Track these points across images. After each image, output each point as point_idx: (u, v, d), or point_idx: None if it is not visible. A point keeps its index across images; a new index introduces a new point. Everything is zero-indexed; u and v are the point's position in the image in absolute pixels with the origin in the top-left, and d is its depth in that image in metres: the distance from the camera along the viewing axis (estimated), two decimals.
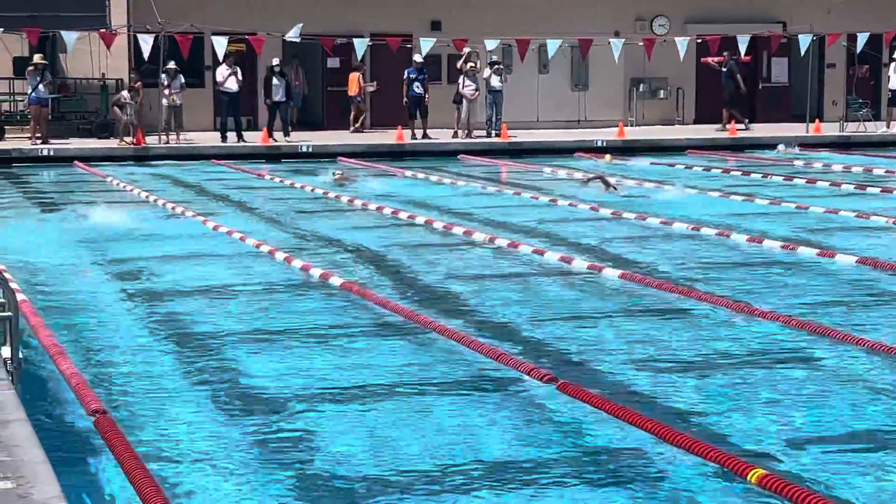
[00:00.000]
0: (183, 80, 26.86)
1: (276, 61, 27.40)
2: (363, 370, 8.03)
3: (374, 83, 29.88)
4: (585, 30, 29.80)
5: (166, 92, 26.46)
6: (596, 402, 6.94)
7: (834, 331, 8.82)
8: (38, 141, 25.88)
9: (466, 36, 28.61)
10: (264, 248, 12.99)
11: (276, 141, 26.88)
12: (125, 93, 26.41)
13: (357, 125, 29.74)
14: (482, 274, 11.70)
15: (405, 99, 28.15)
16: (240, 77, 26.94)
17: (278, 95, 27.22)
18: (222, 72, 26.93)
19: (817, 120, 30.22)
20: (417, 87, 28.03)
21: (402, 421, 6.93)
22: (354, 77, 29.37)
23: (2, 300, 6.31)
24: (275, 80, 27.23)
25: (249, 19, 28.85)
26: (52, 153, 25.20)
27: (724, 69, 30.09)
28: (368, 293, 10.43)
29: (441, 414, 7.08)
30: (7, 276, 8.53)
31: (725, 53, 29.69)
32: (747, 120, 30.35)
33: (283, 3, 30.07)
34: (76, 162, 24.45)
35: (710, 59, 30.22)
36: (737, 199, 17.57)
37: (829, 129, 29.65)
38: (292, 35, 26.90)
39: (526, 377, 7.58)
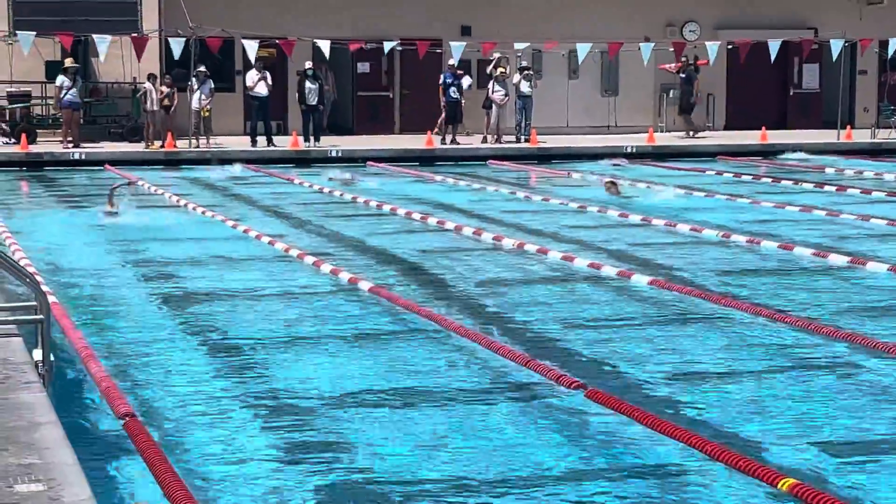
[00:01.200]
0: (212, 86, 26.92)
1: (308, 65, 27.39)
2: (391, 375, 8.03)
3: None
4: (615, 35, 29.75)
5: (196, 97, 26.54)
6: (625, 410, 6.92)
7: (867, 338, 8.76)
8: (70, 144, 26.02)
9: (496, 40, 28.60)
10: (293, 252, 13.02)
11: (308, 145, 26.91)
12: (147, 84, 26.40)
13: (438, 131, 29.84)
14: (511, 280, 11.68)
15: (443, 104, 28.08)
16: (269, 81, 26.98)
17: (311, 99, 27.20)
18: (252, 76, 27.00)
19: (848, 127, 30.05)
20: (454, 92, 27.99)
21: (429, 427, 6.92)
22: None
23: (33, 303, 6.34)
24: (308, 84, 27.20)
25: (280, 23, 28.95)
26: (83, 157, 25.34)
27: (683, 75, 29.78)
28: (396, 297, 10.43)
29: (468, 420, 7.06)
30: (38, 278, 8.57)
31: (683, 58, 29.35)
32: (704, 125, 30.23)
33: (313, 8, 30.16)
34: (107, 165, 24.58)
35: (667, 65, 29.94)
36: (767, 206, 17.50)
37: (861, 136, 29.48)
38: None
39: (554, 384, 7.56)
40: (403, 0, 30.72)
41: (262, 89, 26.91)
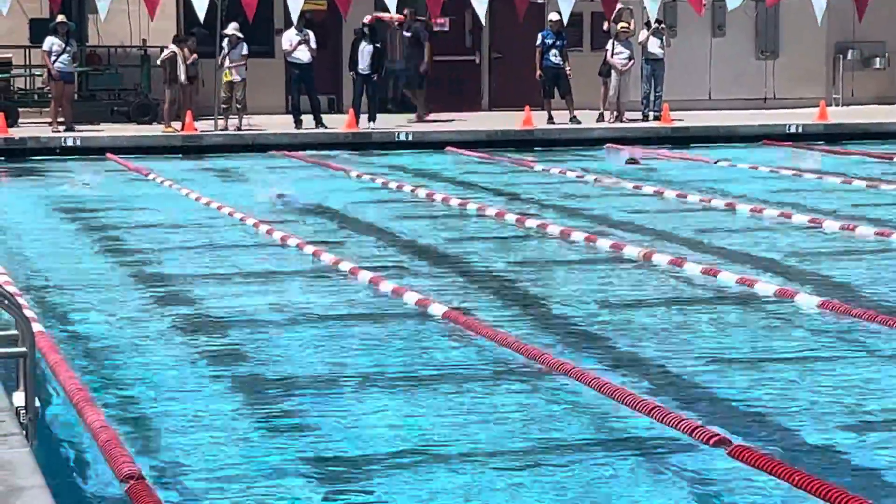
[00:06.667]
0: (246, 50, 26.83)
1: (367, 19, 27.41)
2: (482, 425, 8.06)
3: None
4: None
5: (226, 63, 26.64)
6: (771, 468, 6.91)
7: None
8: (61, 127, 26.34)
9: None
10: (344, 266, 13.08)
11: (371, 126, 26.96)
12: (173, 47, 26.51)
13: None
14: (633, 301, 11.67)
15: (538, 71, 28.06)
16: (313, 44, 27.00)
17: (364, 65, 27.32)
18: (290, 38, 27.08)
19: None
20: (555, 56, 27.93)
21: (545, 487, 6.98)
22: None
23: (14, 332, 6.42)
24: (363, 44, 27.34)
25: None
26: (78, 143, 25.65)
27: (408, 33, 28.55)
28: (481, 326, 10.45)
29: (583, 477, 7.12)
30: (20, 300, 8.70)
31: (407, 10, 28.20)
32: (430, 108, 29.01)
33: None
34: (109, 154, 24.86)
35: (384, 15, 28.13)
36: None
37: None
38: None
39: (689, 438, 7.57)
40: None
41: (302, 54, 26.98)
